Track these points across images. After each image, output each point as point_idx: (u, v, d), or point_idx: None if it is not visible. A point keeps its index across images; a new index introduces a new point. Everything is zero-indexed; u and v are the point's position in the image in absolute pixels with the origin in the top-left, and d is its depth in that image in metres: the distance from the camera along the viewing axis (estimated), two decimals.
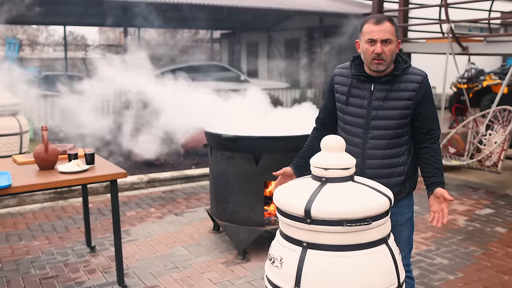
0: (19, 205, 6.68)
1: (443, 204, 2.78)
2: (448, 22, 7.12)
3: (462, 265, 4.63)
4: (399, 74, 2.85)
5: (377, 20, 2.78)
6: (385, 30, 2.75)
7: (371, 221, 2.28)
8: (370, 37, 2.77)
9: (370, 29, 2.78)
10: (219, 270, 4.56)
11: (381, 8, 8.19)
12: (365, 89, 2.90)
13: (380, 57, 2.77)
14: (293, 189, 2.51)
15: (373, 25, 2.77)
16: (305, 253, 2.33)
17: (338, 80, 3.02)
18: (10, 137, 7.60)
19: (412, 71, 2.89)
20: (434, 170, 2.88)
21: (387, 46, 2.77)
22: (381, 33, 2.75)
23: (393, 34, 2.78)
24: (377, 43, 2.76)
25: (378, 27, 2.76)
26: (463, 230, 5.55)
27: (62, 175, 3.94)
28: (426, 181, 2.90)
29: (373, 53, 2.77)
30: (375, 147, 2.89)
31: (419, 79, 2.85)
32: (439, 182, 2.84)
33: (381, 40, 2.75)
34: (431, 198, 2.84)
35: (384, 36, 2.75)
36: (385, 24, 2.76)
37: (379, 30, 2.75)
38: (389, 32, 2.76)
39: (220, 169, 5.00)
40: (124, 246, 5.10)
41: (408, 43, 8.74)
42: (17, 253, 5.01)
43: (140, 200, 6.83)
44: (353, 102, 2.93)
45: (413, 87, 2.84)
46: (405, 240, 3.07)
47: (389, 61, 2.80)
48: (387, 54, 2.77)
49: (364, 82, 2.91)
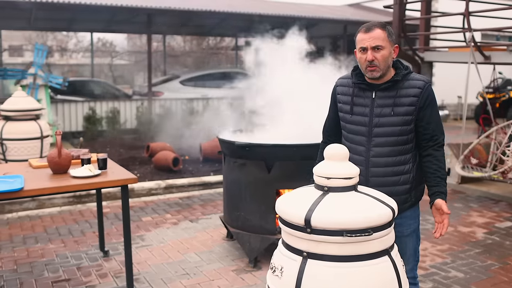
0: (38, 208, 6.77)
1: (443, 216, 2.80)
2: (469, 30, 7.03)
3: (477, 279, 4.53)
4: (399, 80, 2.84)
5: (367, 29, 2.80)
6: (374, 37, 2.77)
7: (372, 232, 2.25)
8: (361, 45, 2.80)
9: (361, 38, 2.81)
10: (229, 278, 4.54)
11: (403, 16, 8.11)
12: (367, 97, 2.89)
13: (372, 64, 2.77)
14: (295, 198, 2.49)
15: (363, 34, 2.80)
16: (305, 263, 2.30)
17: (340, 91, 3.03)
18: (31, 141, 7.74)
19: (413, 77, 2.87)
20: (436, 179, 2.85)
21: (378, 53, 2.77)
22: (371, 41, 2.77)
23: (384, 40, 2.77)
24: (368, 50, 2.77)
25: (368, 35, 2.78)
26: (481, 243, 5.45)
27: (73, 180, 3.96)
28: (429, 191, 2.90)
29: (366, 61, 2.79)
30: (378, 155, 2.87)
31: (420, 84, 2.83)
32: (439, 193, 2.82)
33: (371, 47, 2.76)
34: (433, 209, 2.85)
35: (374, 43, 2.76)
36: (375, 31, 2.77)
37: (369, 38, 2.77)
38: (379, 39, 2.77)
39: (233, 177, 5.00)
40: (137, 251, 5.13)
41: (430, 51, 8.65)
42: (32, 255, 5.06)
43: (157, 206, 6.85)
44: (356, 110, 2.92)
45: (415, 92, 2.82)
46: (411, 252, 3.02)
47: (383, 67, 2.79)
48: (380, 60, 2.77)
49: (365, 90, 2.90)
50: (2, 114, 8.00)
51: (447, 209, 2.77)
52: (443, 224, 2.78)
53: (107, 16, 15.48)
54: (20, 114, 7.88)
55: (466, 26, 7.47)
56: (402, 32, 8.08)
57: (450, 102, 18.76)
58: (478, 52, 7.28)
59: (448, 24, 9.38)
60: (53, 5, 12.98)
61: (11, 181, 3.81)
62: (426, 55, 8.45)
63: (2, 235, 5.63)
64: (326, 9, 19.32)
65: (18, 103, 7.98)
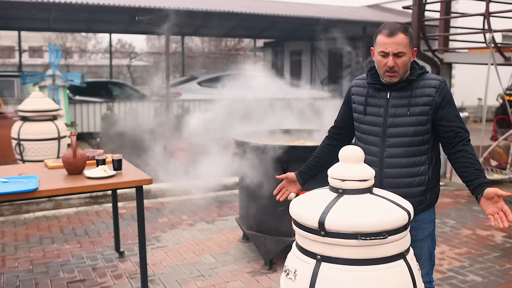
0: (55, 208, 6.80)
1: (500, 203, 2.54)
2: (490, 31, 6.93)
3: (495, 283, 4.45)
4: (414, 80, 2.78)
5: (390, 32, 2.70)
6: (397, 42, 2.69)
7: (387, 235, 2.20)
8: (383, 49, 2.72)
9: (383, 41, 2.72)
10: (244, 280, 4.52)
11: (422, 17, 8.03)
12: (381, 97, 2.84)
13: (392, 70, 2.72)
14: (309, 200, 2.45)
15: (386, 37, 2.70)
16: (318, 266, 2.27)
17: (355, 91, 2.98)
18: (48, 142, 7.77)
19: (429, 77, 2.81)
20: (476, 172, 2.68)
21: (399, 59, 2.71)
22: (394, 46, 2.69)
23: (406, 45, 2.70)
24: (389, 56, 2.70)
25: (391, 40, 2.69)
26: (500, 246, 5.36)
27: (88, 180, 3.97)
28: (470, 186, 2.70)
29: (385, 66, 2.72)
30: (392, 156, 2.82)
31: (436, 83, 2.77)
32: (485, 183, 2.63)
33: (393, 53, 2.69)
34: (482, 201, 2.61)
35: (397, 49, 2.69)
36: (398, 36, 2.68)
37: (392, 43, 2.69)
38: (402, 44, 2.69)
39: (248, 178, 4.96)
40: (152, 252, 5.12)
41: (449, 53, 8.54)
42: (48, 256, 5.08)
43: (174, 207, 6.84)
44: (370, 111, 2.88)
45: (430, 92, 2.76)
46: (426, 256, 2.97)
47: (402, 73, 2.74)
48: (400, 66, 2.72)
49: (380, 91, 2.85)
50: (20, 115, 8.05)
51: (504, 192, 2.52)
52: (503, 210, 2.52)
53: (126, 17, 15.56)
54: (37, 114, 7.93)
55: (486, 27, 7.37)
56: (421, 33, 7.99)
57: (469, 104, 18.56)
58: (498, 53, 7.17)
59: (468, 25, 9.25)
60: (71, 6, 13.07)
61: (26, 182, 3.83)
62: (445, 56, 8.35)
63: (19, 235, 5.66)
64: (346, 10, 19.23)
65: (35, 104, 8.03)
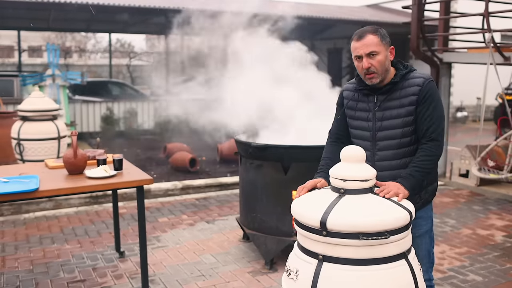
0: (55, 208, 6.79)
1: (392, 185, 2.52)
2: (489, 31, 6.93)
3: (496, 283, 4.46)
4: (398, 81, 2.80)
5: (359, 36, 2.76)
6: (367, 44, 2.73)
7: (389, 235, 2.21)
8: (356, 54, 2.78)
9: (354, 46, 2.78)
10: (245, 280, 4.52)
11: (421, 17, 8.03)
12: (370, 101, 2.87)
13: (370, 71, 2.75)
14: (311, 200, 2.46)
15: (356, 42, 2.77)
16: (320, 266, 2.27)
17: (346, 95, 3.01)
18: (48, 142, 7.77)
19: (413, 75, 2.82)
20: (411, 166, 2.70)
21: (374, 59, 2.73)
22: (364, 48, 2.73)
23: (378, 45, 2.73)
24: (363, 58, 2.74)
25: (360, 43, 2.74)
26: (500, 246, 5.36)
27: (89, 180, 3.96)
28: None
29: (363, 69, 2.76)
30: (383, 159, 2.85)
31: (419, 81, 2.78)
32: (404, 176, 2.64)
33: (366, 54, 2.73)
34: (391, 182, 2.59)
35: (368, 49, 2.73)
36: (366, 37, 2.73)
37: (362, 45, 2.74)
38: (372, 45, 2.73)
39: (249, 178, 4.97)
40: (153, 252, 5.12)
41: (449, 52, 8.55)
42: (48, 256, 5.07)
43: (173, 207, 6.84)
44: (359, 116, 2.91)
45: (414, 90, 2.77)
46: (424, 253, 2.97)
47: (381, 72, 2.76)
48: (376, 66, 2.74)
49: (368, 95, 2.89)
50: (20, 115, 8.05)
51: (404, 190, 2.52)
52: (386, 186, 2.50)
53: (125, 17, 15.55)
54: (37, 114, 7.92)
55: (485, 27, 7.37)
56: (421, 32, 8.00)
57: (469, 104, 18.58)
58: (497, 53, 7.17)
59: (467, 24, 9.26)
60: (71, 6, 13.06)
61: (27, 182, 3.82)
62: (444, 56, 8.36)
63: (19, 235, 5.66)
64: (345, 10, 19.25)
65: (35, 104, 8.02)
